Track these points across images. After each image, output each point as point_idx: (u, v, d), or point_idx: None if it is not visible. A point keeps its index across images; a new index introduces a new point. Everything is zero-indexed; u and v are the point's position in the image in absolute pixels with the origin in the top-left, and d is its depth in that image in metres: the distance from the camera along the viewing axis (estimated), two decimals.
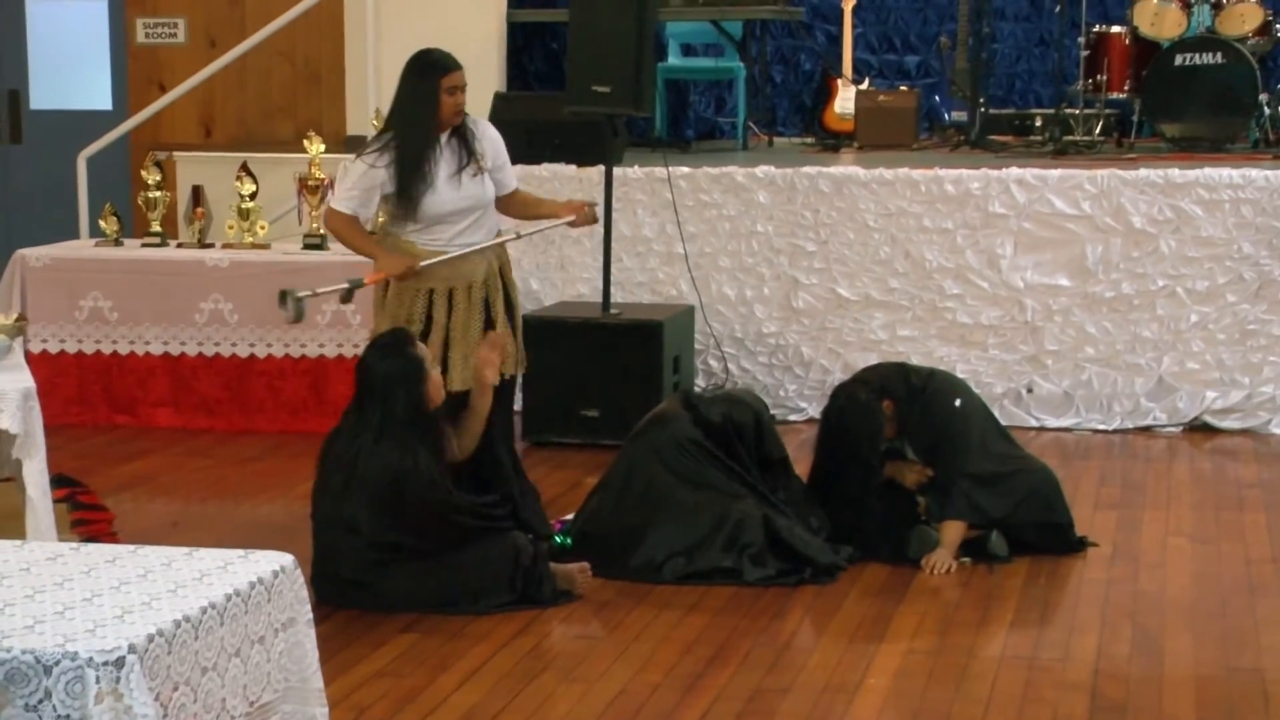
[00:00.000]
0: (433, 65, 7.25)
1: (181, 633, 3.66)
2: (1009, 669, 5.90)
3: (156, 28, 12.94)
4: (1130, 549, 7.36)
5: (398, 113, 7.29)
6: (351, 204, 7.25)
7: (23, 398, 5.85)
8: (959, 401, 7.31)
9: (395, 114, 7.32)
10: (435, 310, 7.30)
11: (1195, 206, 9.68)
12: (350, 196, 7.25)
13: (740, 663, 5.95)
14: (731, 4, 11.97)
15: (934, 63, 13.22)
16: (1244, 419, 9.70)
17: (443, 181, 7.20)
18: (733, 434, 7.16)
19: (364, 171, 7.20)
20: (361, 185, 7.22)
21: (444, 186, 7.21)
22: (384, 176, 7.17)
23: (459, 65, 7.31)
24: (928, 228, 9.89)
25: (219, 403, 9.75)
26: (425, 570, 6.43)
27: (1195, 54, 11.03)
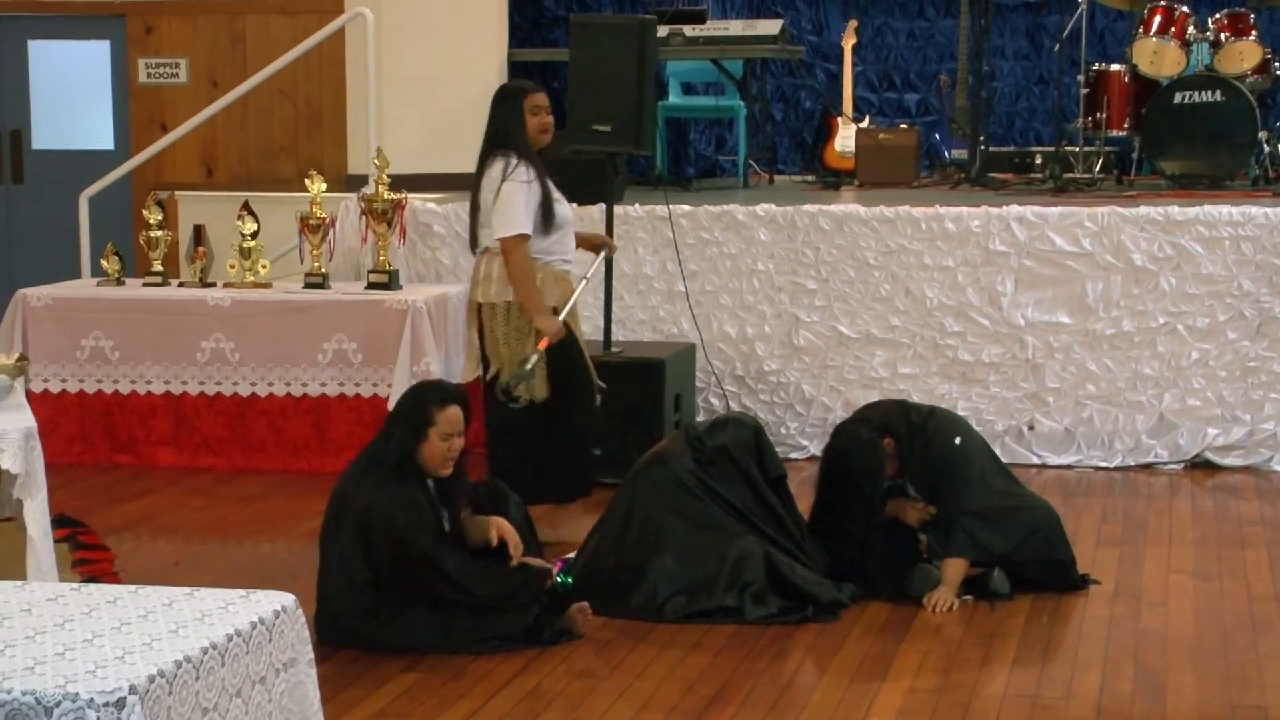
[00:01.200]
0: (515, 89, 7.91)
1: (183, 673, 3.66)
2: (1012, 707, 5.89)
3: (158, 68, 12.98)
4: (1132, 586, 7.35)
5: (502, 136, 7.73)
6: (529, 224, 7.59)
7: (24, 437, 5.85)
8: (960, 439, 7.31)
9: (499, 138, 7.74)
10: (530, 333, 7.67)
11: (1195, 244, 9.69)
12: (526, 217, 7.58)
13: (742, 702, 5.94)
14: (732, 43, 12.01)
15: (934, 101, 13.26)
16: (1245, 456, 9.69)
17: (555, 191, 7.72)
18: (739, 455, 7.16)
19: (526, 191, 7.58)
20: (529, 203, 7.59)
21: (561, 198, 7.76)
22: (537, 191, 7.58)
23: (539, 88, 7.94)
24: (928, 265, 9.91)
25: (220, 442, 9.75)
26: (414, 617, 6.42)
27: (1194, 92, 11.06)
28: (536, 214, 7.64)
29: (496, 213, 7.58)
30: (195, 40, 12.92)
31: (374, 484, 6.44)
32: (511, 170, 7.57)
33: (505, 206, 7.54)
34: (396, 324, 9.50)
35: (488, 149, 7.79)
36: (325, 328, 9.63)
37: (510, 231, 7.54)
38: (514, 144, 7.69)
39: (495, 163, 7.67)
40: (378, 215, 9.82)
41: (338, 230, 10.38)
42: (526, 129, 7.74)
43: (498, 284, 7.67)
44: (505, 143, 7.72)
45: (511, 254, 7.59)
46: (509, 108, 7.80)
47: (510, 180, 7.55)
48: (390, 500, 6.38)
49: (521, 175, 7.57)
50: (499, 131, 7.79)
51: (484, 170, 7.73)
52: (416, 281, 10.35)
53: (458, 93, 11.84)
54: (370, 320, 9.58)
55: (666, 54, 11.90)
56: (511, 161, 7.60)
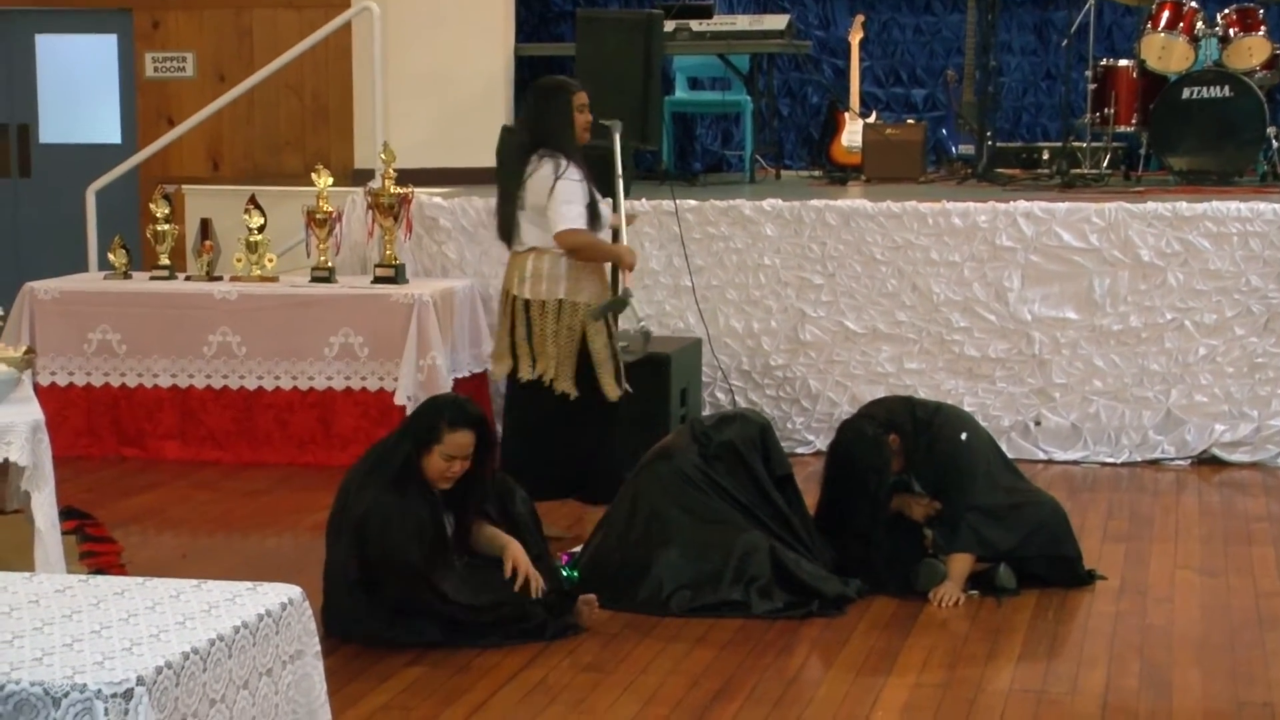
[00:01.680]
0: (561, 86, 7.84)
1: (190, 665, 3.66)
2: (1017, 702, 5.89)
3: (165, 62, 12.99)
4: (1138, 582, 7.35)
5: (546, 134, 7.70)
6: (585, 218, 7.63)
7: (31, 430, 5.85)
8: (965, 435, 7.31)
9: (545, 133, 7.70)
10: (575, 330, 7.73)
11: (1203, 239, 9.69)
12: (583, 212, 7.62)
13: (747, 696, 5.94)
14: (739, 38, 12.00)
15: (941, 96, 13.25)
16: (1252, 452, 9.69)
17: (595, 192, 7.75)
18: (745, 451, 7.16)
19: (577, 188, 7.60)
20: (582, 199, 7.62)
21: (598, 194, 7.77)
22: (586, 190, 7.63)
23: (581, 85, 7.94)
24: (935, 260, 9.90)
25: (227, 435, 9.76)
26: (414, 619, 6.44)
27: (1203, 87, 11.06)
28: (585, 213, 7.67)
29: (554, 211, 7.56)
30: (202, 34, 12.93)
31: (376, 488, 6.42)
32: (564, 170, 7.58)
33: (562, 204, 7.56)
34: (403, 318, 9.50)
35: (531, 147, 7.72)
36: (331, 322, 9.63)
37: (567, 226, 7.58)
38: (560, 143, 7.66)
39: (544, 164, 7.63)
40: (384, 209, 9.83)
41: (344, 224, 10.39)
42: (574, 127, 7.72)
43: (548, 281, 7.67)
44: (549, 141, 7.68)
45: (574, 244, 7.65)
46: (556, 105, 7.74)
47: (564, 179, 7.56)
48: (387, 510, 6.36)
49: (574, 175, 7.59)
50: (544, 129, 7.74)
51: (528, 169, 7.68)
52: (423, 276, 10.35)
53: (464, 87, 11.84)
54: (376, 314, 9.58)
55: (673, 49, 11.90)
56: (561, 162, 7.60)
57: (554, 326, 7.68)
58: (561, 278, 7.69)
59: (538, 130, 7.75)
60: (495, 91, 12.06)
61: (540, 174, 7.63)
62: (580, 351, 7.74)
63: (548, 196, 7.57)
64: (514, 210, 7.74)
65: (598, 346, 7.70)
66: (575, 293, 7.70)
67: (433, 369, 9.46)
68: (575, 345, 7.70)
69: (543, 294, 7.70)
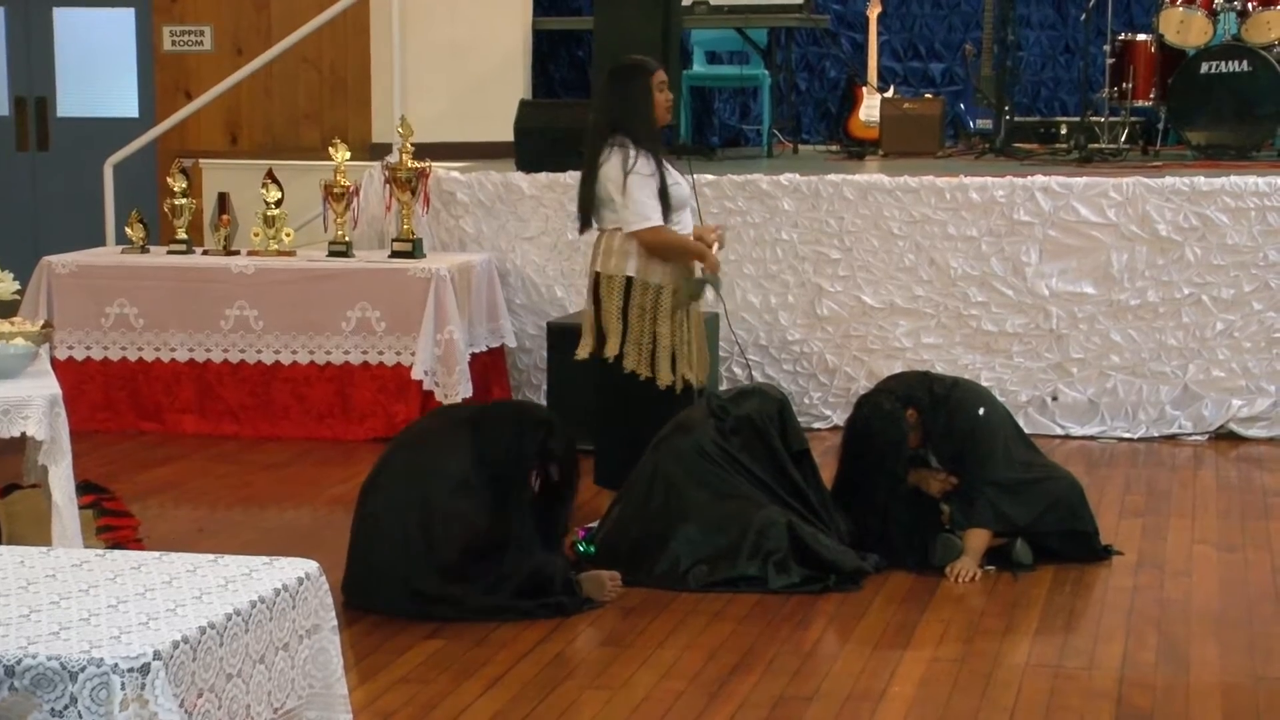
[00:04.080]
0: (641, 66, 7.69)
1: (206, 639, 3.67)
2: (1034, 677, 5.90)
3: (183, 35, 12.98)
4: (1156, 557, 7.35)
5: (624, 116, 7.57)
6: (658, 213, 7.53)
7: (49, 404, 5.87)
8: (983, 410, 7.30)
9: (619, 121, 7.58)
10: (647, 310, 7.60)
11: (1221, 214, 9.67)
12: (655, 205, 7.52)
13: (764, 670, 5.95)
14: (757, 11, 11.98)
15: (959, 70, 13.22)
16: (1270, 427, 9.67)
17: (673, 172, 7.65)
18: (762, 426, 7.16)
19: (649, 184, 7.49)
20: (652, 192, 7.50)
21: (678, 177, 7.69)
22: (657, 180, 7.51)
23: (660, 64, 7.79)
24: (952, 235, 9.89)
25: (244, 409, 9.78)
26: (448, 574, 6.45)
27: (1221, 62, 11.02)
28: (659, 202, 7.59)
29: (626, 208, 7.52)
30: (220, 7, 12.91)
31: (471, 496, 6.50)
32: (633, 165, 7.47)
33: (635, 202, 7.49)
34: (420, 292, 9.51)
35: (605, 132, 7.61)
36: (349, 296, 9.64)
37: (643, 224, 7.52)
38: (634, 128, 7.53)
39: (613, 154, 7.53)
40: (402, 183, 9.84)
41: (362, 198, 10.39)
42: (655, 109, 7.60)
43: (618, 256, 7.58)
44: (623, 127, 7.55)
45: (652, 242, 7.56)
46: (636, 86, 7.60)
47: (634, 174, 7.47)
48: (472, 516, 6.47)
49: (643, 169, 7.48)
50: (621, 113, 7.60)
51: (599, 158, 7.60)
52: (440, 250, 10.35)
53: (482, 60, 11.84)
54: (394, 289, 9.59)
55: (691, 22, 11.87)
56: (630, 154, 7.49)
57: (620, 303, 7.60)
58: (632, 254, 7.57)
59: (614, 114, 7.62)
60: (513, 65, 12.05)
61: (610, 165, 7.53)
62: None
63: (620, 192, 7.50)
64: (593, 193, 7.68)
65: (663, 331, 7.60)
66: (647, 272, 7.57)
67: (450, 343, 9.47)
68: (645, 325, 7.61)
69: (612, 269, 7.61)
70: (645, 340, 7.56)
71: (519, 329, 10.34)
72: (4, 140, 13.46)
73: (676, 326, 7.61)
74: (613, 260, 7.58)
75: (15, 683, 3.46)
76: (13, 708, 3.46)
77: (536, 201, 10.35)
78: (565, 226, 10.29)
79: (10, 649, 3.50)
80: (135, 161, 11.62)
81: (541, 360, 9.88)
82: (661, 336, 7.58)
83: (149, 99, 13.16)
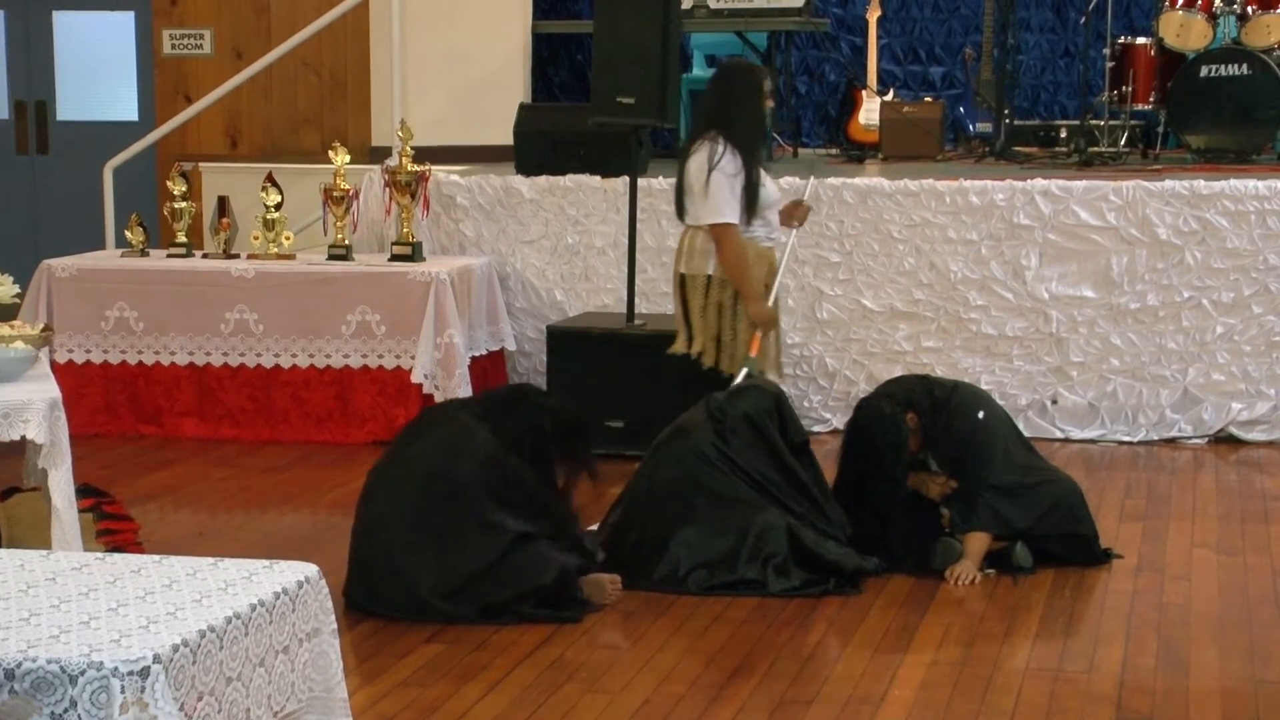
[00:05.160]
0: (755, 69, 7.88)
1: (206, 643, 3.67)
2: (1034, 681, 5.90)
3: (183, 39, 12.98)
4: (1155, 561, 7.35)
5: (730, 115, 7.65)
6: (736, 213, 7.59)
7: (49, 408, 5.86)
8: (982, 414, 7.30)
9: (725, 116, 7.65)
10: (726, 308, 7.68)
11: (1221, 218, 9.67)
12: (735, 206, 7.58)
13: (764, 674, 5.95)
14: (756, 15, 11.98)
15: (959, 74, 13.21)
16: (1270, 431, 9.67)
17: (764, 175, 7.74)
18: (760, 422, 7.15)
19: (731, 182, 7.55)
20: (736, 191, 7.56)
21: (767, 180, 7.76)
22: (742, 180, 7.56)
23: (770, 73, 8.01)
24: (952, 239, 9.89)
25: (244, 413, 9.77)
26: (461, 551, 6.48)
27: (1221, 65, 11.02)
28: (742, 200, 7.62)
29: (704, 202, 7.57)
30: (219, 11, 12.92)
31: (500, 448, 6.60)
32: (718, 160, 7.54)
33: (712, 196, 7.55)
34: (420, 296, 9.51)
35: (704, 126, 7.70)
36: (349, 299, 9.64)
37: (717, 219, 7.57)
38: (732, 127, 7.60)
39: (702, 148, 7.61)
40: (401, 187, 9.84)
41: (361, 202, 10.40)
42: (762, 109, 7.73)
43: (700, 256, 7.66)
44: (721, 123, 7.63)
45: (722, 241, 7.61)
46: (746, 87, 7.72)
47: (717, 170, 7.53)
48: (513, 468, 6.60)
49: (728, 167, 7.54)
50: (725, 110, 7.68)
51: (692, 149, 7.69)
52: (440, 254, 10.35)
53: (482, 64, 11.84)
54: (394, 292, 9.59)
55: (690, 26, 11.88)
56: (719, 149, 7.55)
57: (701, 302, 7.65)
58: (712, 254, 7.65)
59: (715, 110, 7.73)
60: (513, 69, 12.06)
61: (696, 158, 7.62)
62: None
63: (702, 185, 7.57)
64: (681, 192, 7.75)
65: (743, 328, 7.66)
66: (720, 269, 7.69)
67: (450, 347, 9.47)
68: (725, 322, 7.65)
69: (694, 268, 7.68)
70: (726, 337, 7.65)
71: (519, 332, 10.34)
72: (4, 144, 13.46)
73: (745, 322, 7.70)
74: (695, 259, 7.69)
75: (15, 686, 3.46)
76: (12, 711, 3.46)
77: (536, 205, 10.35)
78: (565, 230, 10.30)
79: (10, 652, 3.50)
80: (135, 165, 11.62)
81: (541, 364, 9.88)
82: (741, 333, 7.65)
83: (149, 102, 13.16)
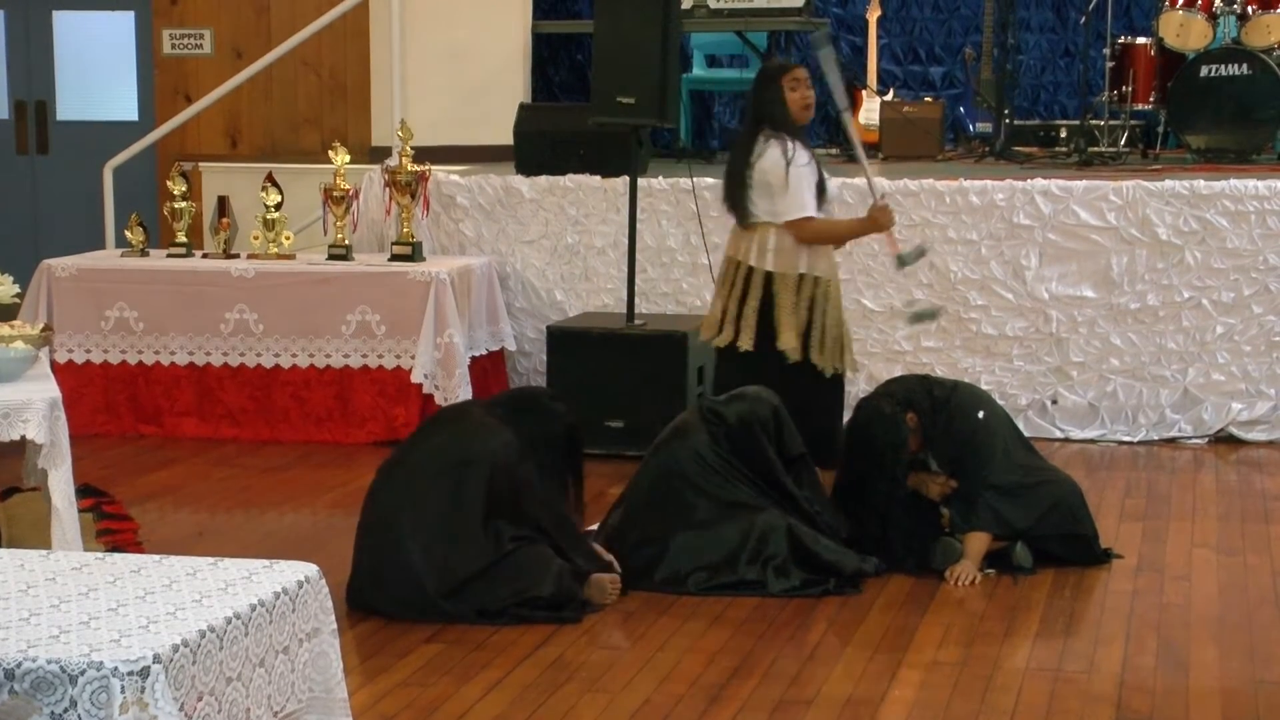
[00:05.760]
0: (773, 68, 7.94)
1: (206, 643, 3.67)
2: (1034, 681, 5.89)
3: (183, 39, 12.98)
4: (1156, 561, 7.35)
5: (765, 117, 7.73)
6: (814, 205, 7.68)
7: (49, 407, 5.86)
8: (982, 413, 7.30)
9: (764, 119, 7.74)
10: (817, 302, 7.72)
11: (1221, 218, 9.67)
12: (811, 200, 7.67)
13: (764, 674, 5.95)
14: (756, 15, 11.97)
15: (959, 74, 13.21)
16: (1270, 430, 9.67)
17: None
18: (757, 430, 7.15)
19: (808, 174, 7.66)
20: (809, 184, 7.66)
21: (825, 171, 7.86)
22: (814, 171, 7.69)
23: (798, 64, 8.02)
24: (952, 239, 9.88)
25: (244, 413, 9.77)
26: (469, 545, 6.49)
27: (1221, 65, 11.02)
28: (814, 191, 7.72)
29: (785, 197, 7.60)
30: (219, 11, 12.92)
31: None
32: (792, 155, 7.60)
33: (793, 192, 7.60)
34: (420, 296, 9.51)
35: (754, 129, 7.76)
36: (349, 299, 9.64)
37: (799, 214, 7.62)
38: (781, 124, 7.69)
39: (771, 146, 7.65)
40: (401, 187, 9.84)
41: (361, 202, 10.40)
42: (788, 106, 7.72)
43: (788, 253, 7.67)
44: (769, 123, 7.71)
45: (806, 232, 7.66)
46: (768, 89, 7.77)
47: (794, 165, 7.59)
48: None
49: (802, 160, 7.62)
50: (761, 112, 7.77)
51: (754, 149, 7.70)
52: (440, 253, 10.35)
53: (482, 64, 11.84)
54: (394, 292, 9.59)
55: (690, 26, 11.87)
56: (788, 145, 7.62)
57: (794, 299, 7.67)
58: (802, 250, 7.68)
59: (754, 112, 7.82)
60: (513, 69, 12.05)
61: (770, 157, 7.63)
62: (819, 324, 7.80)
63: (782, 183, 7.60)
64: (744, 188, 7.74)
65: (831, 322, 7.72)
66: (814, 267, 7.71)
67: (450, 347, 9.47)
68: (816, 317, 7.69)
69: (784, 266, 7.69)
70: (815, 331, 7.68)
71: (519, 332, 10.34)
72: (4, 143, 13.46)
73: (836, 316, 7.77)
74: (784, 257, 7.69)
75: (15, 686, 3.46)
76: (12, 711, 3.46)
77: (536, 205, 10.35)
78: (565, 230, 10.30)
79: (10, 652, 3.50)
80: (135, 165, 11.62)
81: (541, 364, 9.88)
82: (830, 327, 7.70)
83: (149, 102, 13.15)
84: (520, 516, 6.57)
